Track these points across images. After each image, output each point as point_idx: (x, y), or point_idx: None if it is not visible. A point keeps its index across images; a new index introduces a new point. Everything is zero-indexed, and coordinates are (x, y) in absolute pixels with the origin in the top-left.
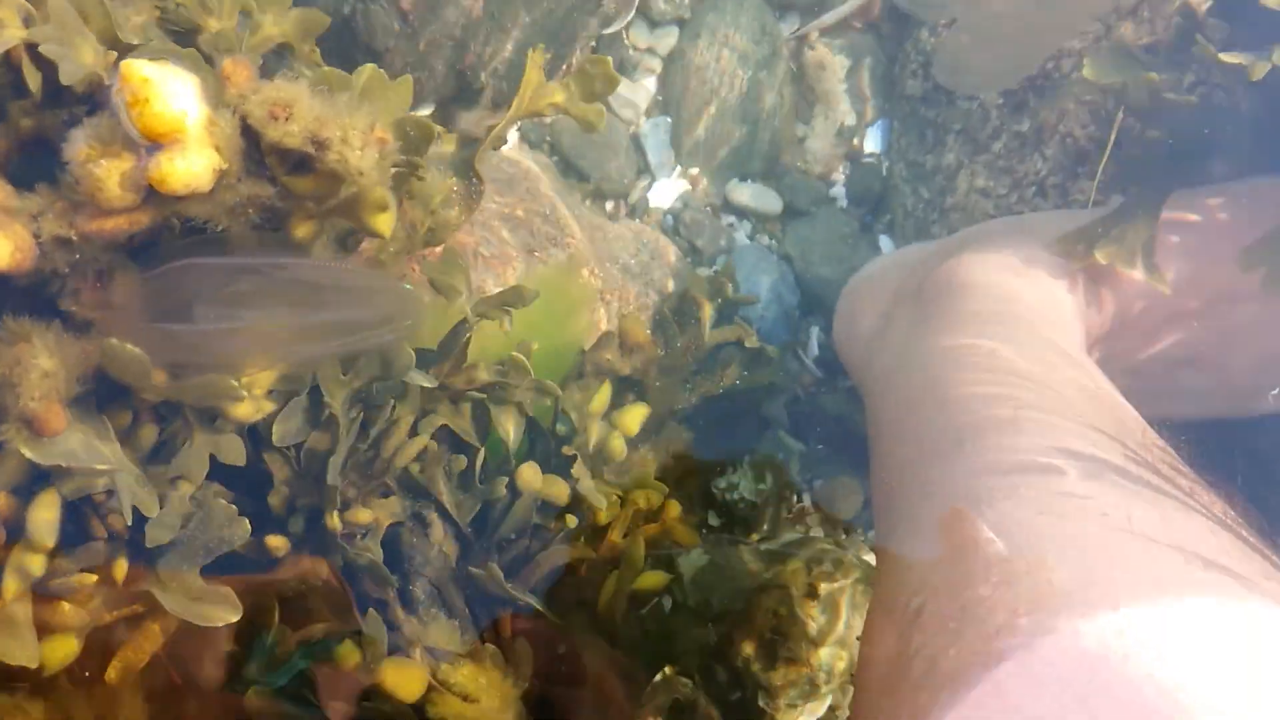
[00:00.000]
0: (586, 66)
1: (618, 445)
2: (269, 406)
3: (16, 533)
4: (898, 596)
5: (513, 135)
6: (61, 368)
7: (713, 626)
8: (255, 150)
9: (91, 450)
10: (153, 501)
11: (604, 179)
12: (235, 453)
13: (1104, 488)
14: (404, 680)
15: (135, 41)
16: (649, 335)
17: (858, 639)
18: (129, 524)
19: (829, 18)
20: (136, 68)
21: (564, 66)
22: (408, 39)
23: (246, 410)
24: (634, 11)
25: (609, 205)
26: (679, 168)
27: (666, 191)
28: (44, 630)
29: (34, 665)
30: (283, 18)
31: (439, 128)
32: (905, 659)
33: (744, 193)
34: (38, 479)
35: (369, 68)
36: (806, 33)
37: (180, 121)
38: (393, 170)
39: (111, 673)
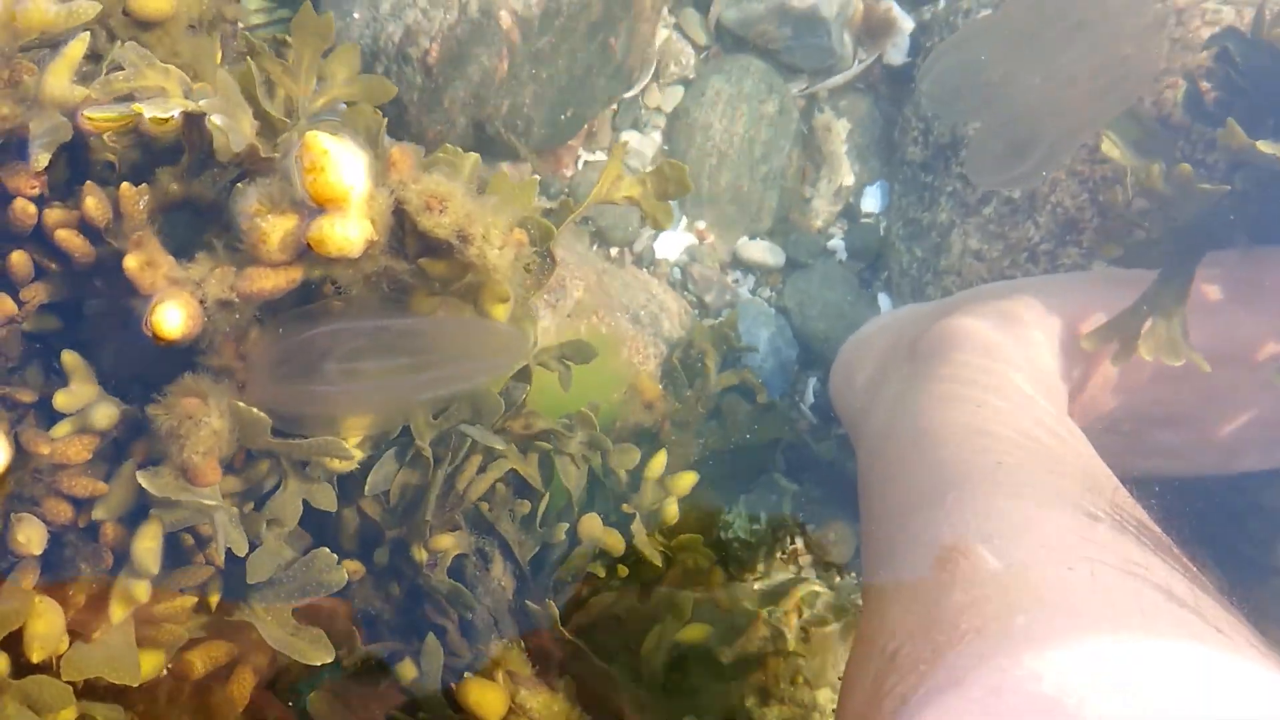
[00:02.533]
0: (664, 168)
1: (672, 511)
2: (359, 455)
3: (122, 559)
4: (876, 638)
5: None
6: (228, 428)
7: (722, 675)
8: (400, 229)
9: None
10: (244, 542)
11: (610, 225)
12: (328, 500)
13: (1073, 543)
14: (487, 700)
15: (270, 110)
16: (660, 390)
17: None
18: (221, 564)
19: (834, 81)
20: (319, 140)
21: (584, 126)
22: (432, 94)
23: (341, 463)
24: (652, 74)
25: (613, 251)
26: (685, 219)
27: (673, 244)
28: (141, 645)
29: (135, 684)
30: (350, 82)
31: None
32: (879, 697)
33: (752, 250)
34: (139, 510)
35: (470, 159)
36: (815, 92)
37: (348, 193)
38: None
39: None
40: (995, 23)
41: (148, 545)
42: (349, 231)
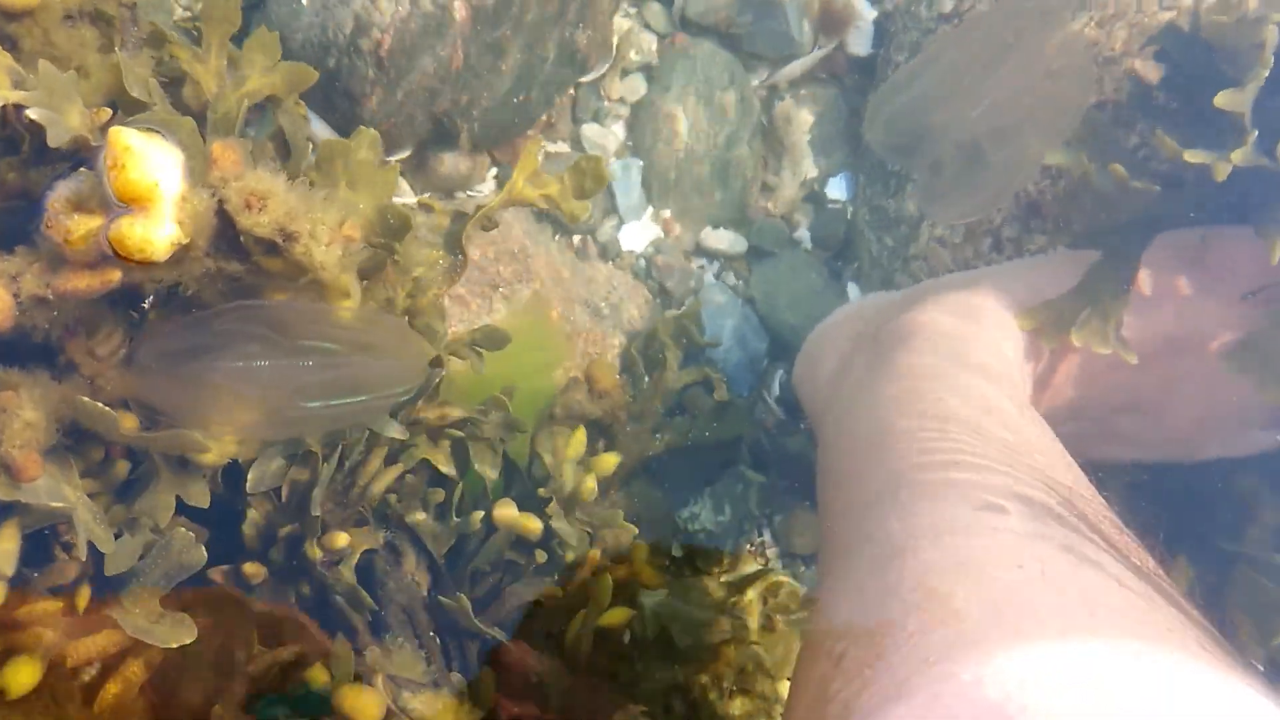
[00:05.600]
0: (581, 164)
1: (589, 486)
2: (233, 451)
3: None
4: (824, 640)
5: (490, 179)
6: (44, 418)
7: (673, 661)
8: (230, 229)
9: (54, 490)
10: (108, 538)
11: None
12: (200, 496)
13: (1024, 539)
14: (362, 704)
15: (140, 97)
16: (617, 380)
17: None
18: (84, 558)
19: (795, 68)
20: (122, 136)
21: (542, 116)
22: (385, 86)
23: (212, 457)
24: (611, 62)
25: (575, 239)
26: (650, 209)
27: (639, 235)
28: (7, 654)
29: None
30: (271, 70)
31: (438, 204)
32: (824, 702)
33: (716, 239)
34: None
35: (368, 136)
36: (775, 82)
37: (151, 191)
38: (362, 259)
39: (102, 703)
40: (928, 61)
41: (3, 547)
42: (151, 233)
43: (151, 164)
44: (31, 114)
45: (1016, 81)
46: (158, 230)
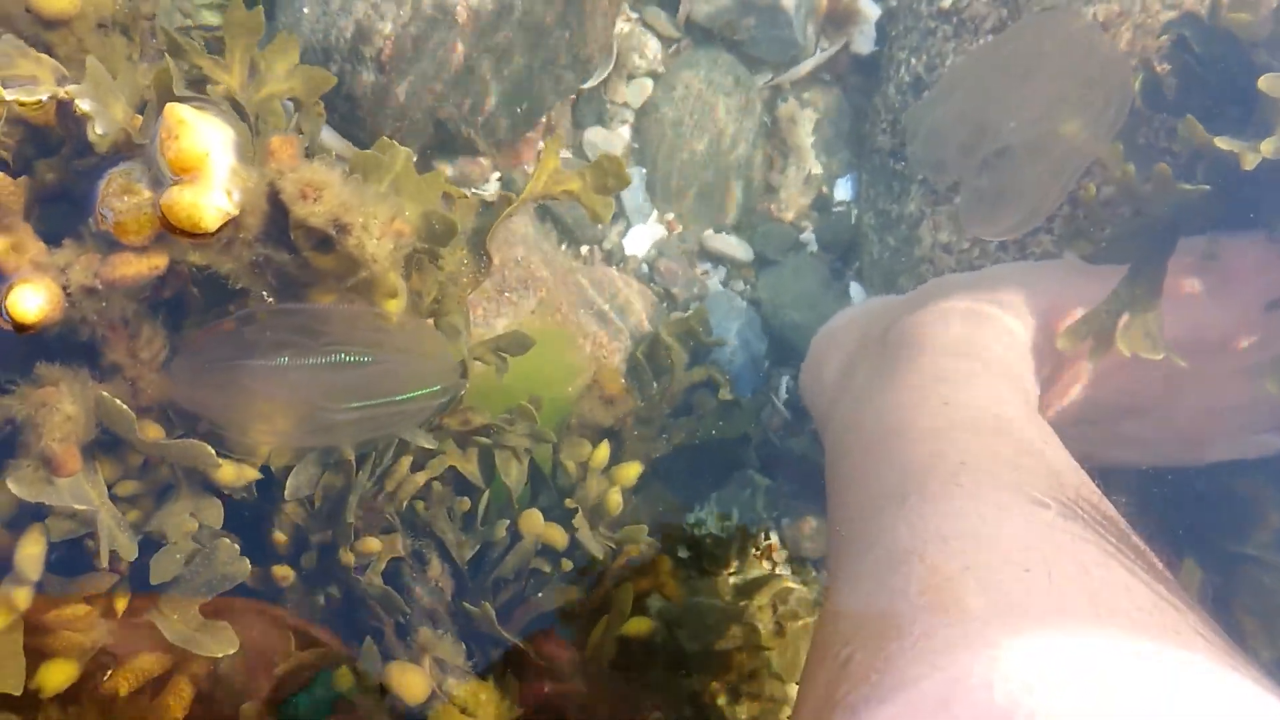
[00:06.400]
0: (602, 162)
1: (615, 500)
2: (252, 473)
3: (7, 566)
4: (831, 644)
5: (494, 181)
6: (83, 413)
7: (686, 668)
8: (282, 219)
9: (76, 491)
10: (131, 546)
11: (578, 224)
12: (214, 517)
13: (1031, 543)
14: (409, 682)
15: (185, 94)
16: (624, 386)
17: None
18: (114, 561)
19: (798, 70)
20: (178, 110)
21: (542, 119)
22: (386, 90)
23: (230, 474)
24: (612, 66)
25: (584, 249)
26: (655, 213)
27: (643, 238)
28: (44, 654)
29: (18, 693)
30: (290, 75)
31: (459, 191)
32: (830, 705)
33: (720, 241)
34: (27, 514)
35: (403, 154)
36: (779, 83)
37: (202, 160)
38: (407, 254)
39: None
40: (963, 74)
41: (29, 551)
42: (200, 199)
43: (204, 135)
44: (80, 104)
45: (1052, 91)
46: (206, 197)
